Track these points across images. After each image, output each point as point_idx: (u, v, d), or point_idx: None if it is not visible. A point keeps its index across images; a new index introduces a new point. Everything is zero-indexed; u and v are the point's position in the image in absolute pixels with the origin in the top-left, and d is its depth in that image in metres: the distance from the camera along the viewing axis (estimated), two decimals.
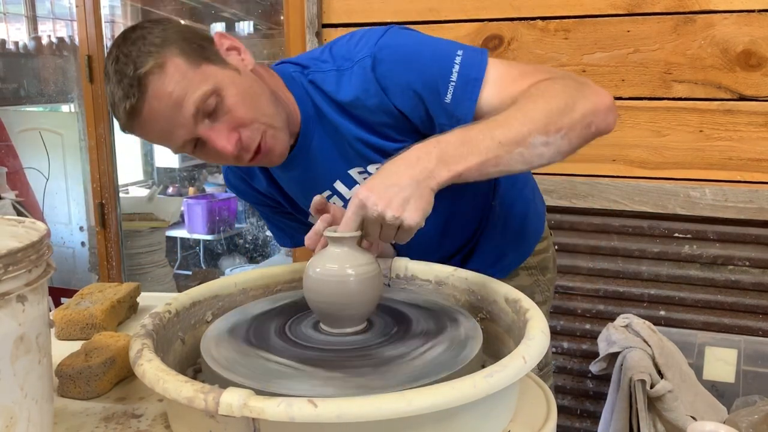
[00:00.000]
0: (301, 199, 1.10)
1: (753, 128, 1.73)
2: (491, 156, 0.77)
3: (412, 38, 0.96)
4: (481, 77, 0.89)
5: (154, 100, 0.86)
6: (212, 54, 0.91)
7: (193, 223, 3.96)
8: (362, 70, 0.93)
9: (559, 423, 0.75)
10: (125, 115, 0.88)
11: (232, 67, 0.92)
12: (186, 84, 0.86)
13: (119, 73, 0.87)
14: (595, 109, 0.84)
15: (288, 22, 2.09)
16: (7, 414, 0.56)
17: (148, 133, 0.91)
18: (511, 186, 1.13)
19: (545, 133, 0.80)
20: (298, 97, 0.99)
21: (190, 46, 0.89)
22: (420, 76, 0.91)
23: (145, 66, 0.85)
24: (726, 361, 1.65)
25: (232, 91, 0.89)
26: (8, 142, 3.15)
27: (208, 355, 0.71)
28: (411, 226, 0.73)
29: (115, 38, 0.91)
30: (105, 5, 2.75)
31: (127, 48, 0.87)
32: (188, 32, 0.91)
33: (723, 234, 1.79)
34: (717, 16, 1.70)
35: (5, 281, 0.54)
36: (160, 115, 0.87)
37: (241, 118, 0.90)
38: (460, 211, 1.08)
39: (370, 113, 0.95)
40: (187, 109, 0.87)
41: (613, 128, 0.88)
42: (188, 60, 0.87)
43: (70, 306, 1.02)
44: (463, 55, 0.91)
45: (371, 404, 0.54)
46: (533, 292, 1.18)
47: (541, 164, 0.83)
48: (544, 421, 0.69)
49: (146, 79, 0.85)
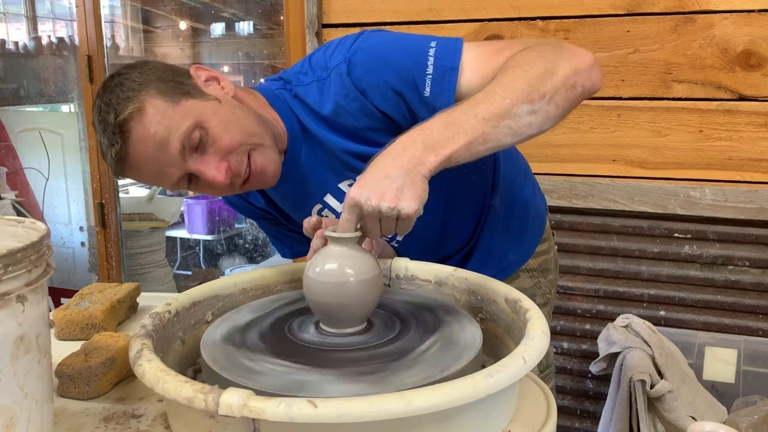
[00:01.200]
0: (295, 213, 1.10)
1: (753, 128, 1.73)
2: (478, 134, 0.76)
3: (384, 38, 0.96)
4: (457, 65, 0.89)
5: (139, 144, 0.87)
6: (191, 88, 0.91)
7: (193, 223, 3.96)
8: (339, 76, 0.93)
9: (559, 423, 0.75)
10: (114, 163, 0.89)
11: (212, 98, 0.92)
12: (168, 123, 0.87)
13: (102, 123, 0.88)
14: (577, 69, 0.83)
15: (288, 22, 2.09)
16: (7, 414, 0.56)
17: (140, 175, 0.92)
18: (511, 184, 1.13)
19: (529, 101, 0.79)
20: (283, 113, 0.99)
21: (167, 85, 0.89)
22: (396, 74, 0.91)
23: (125, 112, 0.86)
24: (726, 362, 1.65)
25: (214, 121, 0.89)
26: (8, 142, 3.15)
27: (207, 355, 0.71)
28: (409, 214, 0.72)
29: (97, 90, 0.92)
30: (105, 5, 2.75)
31: (107, 96, 0.88)
32: (164, 71, 0.92)
33: (723, 234, 1.79)
34: (717, 16, 1.70)
35: (5, 281, 0.54)
36: (147, 157, 0.88)
37: (228, 145, 0.90)
38: (457, 211, 1.08)
39: (354, 118, 0.94)
40: (174, 147, 0.87)
41: (600, 86, 0.87)
42: (167, 99, 0.88)
43: (70, 306, 1.02)
44: (436, 47, 0.90)
45: (371, 404, 0.54)
46: (534, 294, 1.17)
47: (532, 133, 0.81)
48: (544, 422, 0.69)
49: (127, 125, 0.86)
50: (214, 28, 4.27)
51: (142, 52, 4.28)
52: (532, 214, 1.18)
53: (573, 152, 1.87)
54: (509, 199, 1.12)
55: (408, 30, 1.73)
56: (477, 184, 1.07)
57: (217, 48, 4.32)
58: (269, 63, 4.13)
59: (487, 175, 1.09)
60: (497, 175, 1.10)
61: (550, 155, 1.88)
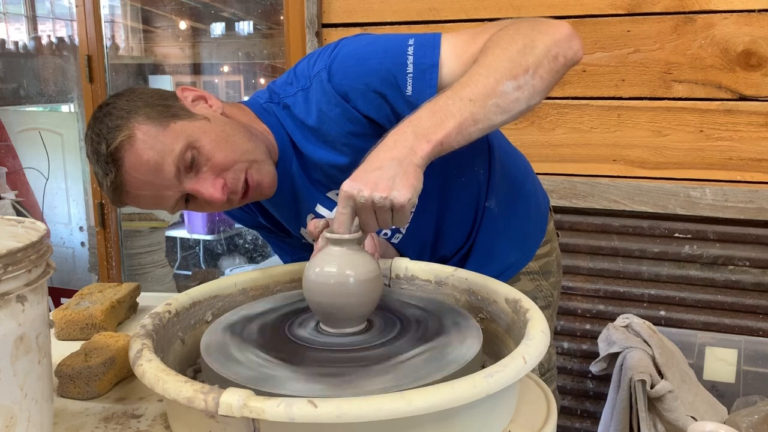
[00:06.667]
0: (290, 223, 1.10)
1: (753, 128, 1.73)
2: (467, 115, 0.76)
3: (362, 41, 0.96)
4: (436, 62, 0.89)
5: (133, 170, 0.87)
6: (179, 110, 0.91)
7: (193, 223, 3.96)
8: (320, 83, 0.93)
9: (560, 423, 0.75)
10: (110, 192, 0.90)
11: (200, 117, 0.92)
12: (160, 147, 0.87)
13: (95, 153, 0.89)
14: (556, 40, 0.83)
15: (288, 22, 2.09)
16: (7, 414, 0.56)
17: (138, 202, 0.92)
18: (509, 185, 1.12)
19: (513, 77, 0.79)
20: (272, 126, 0.99)
21: (155, 110, 0.89)
22: (377, 75, 0.90)
23: (115, 141, 0.86)
24: (726, 361, 1.65)
25: (206, 140, 0.90)
26: (8, 142, 3.15)
27: (207, 355, 0.71)
28: (402, 203, 0.71)
29: (94, 93, 0.92)
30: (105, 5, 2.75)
31: (97, 127, 0.89)
32: (151, 96, 0.92)
33: (723, 234, 1.79)
34: (717, 16, 1.70)
35: (5, 281, 0.54)
36: (143, 183, 0.88)
37: (222, 162, 0.90)
38: (450, 212, 1.07)
39: (336, 125, 0.94)
40: (168, 171, 0.88)
41: (582, 55, 0.86)
42: (156, 123, 0.88)
43: (69, 306, 1.02)
44: (414, 44, 0.90)
45: (371, 404, 0.54)
46: (535, 297, 1.15)
47: (521, 109, 0.81)
48: (544, 422, 0.69)
49: (119, 154, 0.87)
50: (214, 28, 4.27)
51: (142, 52, 4.28)
52: (533, 215, 1.17)
53: (573, 152, 1.87)
54: (508, 200, 1.11)
55: (408, 30, 1.74)
56: (469, 184, 1.07)
57: (217, 48, 4.31)
58: (269, 63, 4.13)
59: (479, 175, 1.08)
60: (492, 176, 1.09)
61: (550, 155, 1.88)
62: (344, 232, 0.75)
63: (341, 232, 0.75)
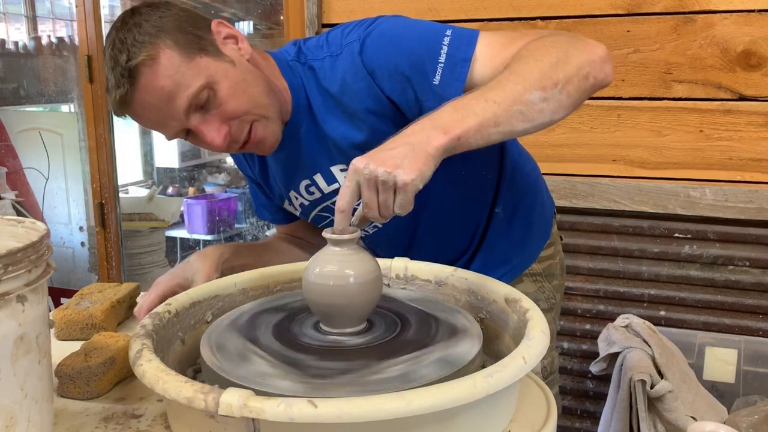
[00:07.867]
0: (283, 181, 1.10)
1: (753, 128, 1.73)
2: (489, 115, 0.75)
3: (400, 23, 0.96)
4: (470, 57, 0.89)
5: (145, 92, 0.87)
6: (208, 44, 0.91)
7: (192, 223, 3.96)
8: (350, 54, 0.93)
9: (560, 423, 0.74)
10: (116, 104, 0.90)
11: (227, 59, 0.92)
12: (179, 78, 0.87)
13: (113, 60, 0.87)
14: (590, 60, 0.83)
15: (288, 22, 2.09)
16: (7, 414, 0.56)
17: (140, 120, 0.93)
18: (517, 190, 1.11)
19: (542, 88, 0.78)
20: (293, 86, 0.99)
21: (186, 37, 0.88)
22: (407, 59, 0.90)
23: (137, 57, 0.85)
24: (726, 362, 1.65)
25: (224, 84, 0.89)
26: (8, 142, 3.15)
27: (207, 355, 0.71)
28: (405, 180, 0.69)
29: (115, 20, 0.91)
30: (105, 5, 2.75)
31: (123, 34, 0.87)
32: (185, 20, 0.91)
33: (723, 234, 1.79)
34: (717, 16, 1.70)
35: (5, 281, 0.54)
36: (151, 106, 0.88)
37: (233, 111, 0.90)
38: (453, 212, 1.07)
39: (358, 98, 0.94)
40: (180, 104, 0.88)
41: (612, 79, 0.86)
42: (182, 52, 0.87)
43: (69, 306, 1.02)
44: (451, 36, 0.90)
45: (371, 404, 0.54)
46: (537, 299, 1.14)
47: (544, 121, 0.80)
48: (544, 422, 0.69)
49: (137, 71, 0.86)
50: None
51: None
52: (537, 218, 1.17)
53: (573, 152, 1.87)
54: (514, 203, 1.11)
55: None
56: (477, 188, 1.07)
57: None
58: None
59: (487, 180, 1.08)
60: (502, 183, 1.08)
61: (550, 155, 1.88)
62: (346, 205, 0.73)
63: (343, 204, 0.73)
